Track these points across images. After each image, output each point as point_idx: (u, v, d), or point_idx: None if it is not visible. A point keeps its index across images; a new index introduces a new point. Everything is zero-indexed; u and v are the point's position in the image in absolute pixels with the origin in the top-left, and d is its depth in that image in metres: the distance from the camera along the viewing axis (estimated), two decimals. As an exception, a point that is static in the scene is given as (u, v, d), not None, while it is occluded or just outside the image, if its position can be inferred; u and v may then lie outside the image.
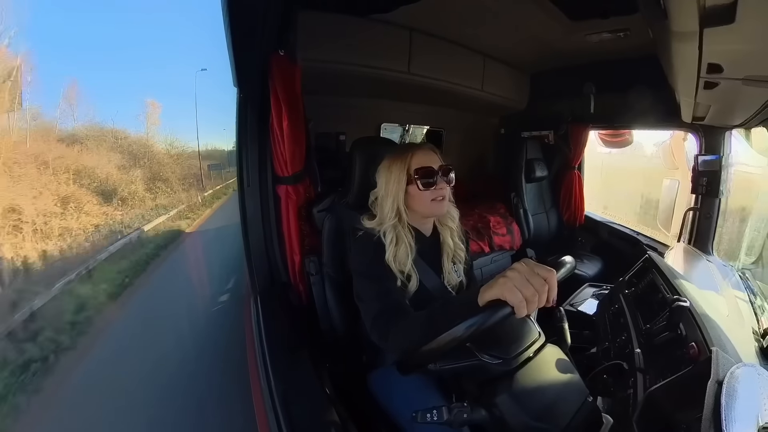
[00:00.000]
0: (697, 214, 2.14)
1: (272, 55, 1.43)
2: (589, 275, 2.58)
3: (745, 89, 1.19)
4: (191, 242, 11.09)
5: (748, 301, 1.49)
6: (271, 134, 1.56)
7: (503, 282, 0.77)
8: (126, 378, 3.72)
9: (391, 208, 1.21)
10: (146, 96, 18.58)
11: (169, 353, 4.07)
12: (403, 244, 1.19)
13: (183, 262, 9.56)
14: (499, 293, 0.77)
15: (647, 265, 1.53)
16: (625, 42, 2.10)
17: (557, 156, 3.19)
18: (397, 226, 1.21)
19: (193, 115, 21.31)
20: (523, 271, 0.77)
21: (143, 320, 5.55)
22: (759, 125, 1.73)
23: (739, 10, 0.71)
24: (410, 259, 1.20)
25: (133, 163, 14.35)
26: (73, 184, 11.41)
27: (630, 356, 1.14)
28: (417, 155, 1.21)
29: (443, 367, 0.98)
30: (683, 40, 0.99)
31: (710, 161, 2.04)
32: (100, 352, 4.76)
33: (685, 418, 0.69)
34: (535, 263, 0.80)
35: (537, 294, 0.76)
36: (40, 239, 9.05)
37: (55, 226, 9.61)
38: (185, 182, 15.68)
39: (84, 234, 10.16)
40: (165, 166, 15.49)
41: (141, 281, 7.60)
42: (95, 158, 13.04)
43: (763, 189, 1.98)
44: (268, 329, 1.46)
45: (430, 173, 1.20)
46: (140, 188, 13.61)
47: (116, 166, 13.52)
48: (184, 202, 14.43)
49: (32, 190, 9.75)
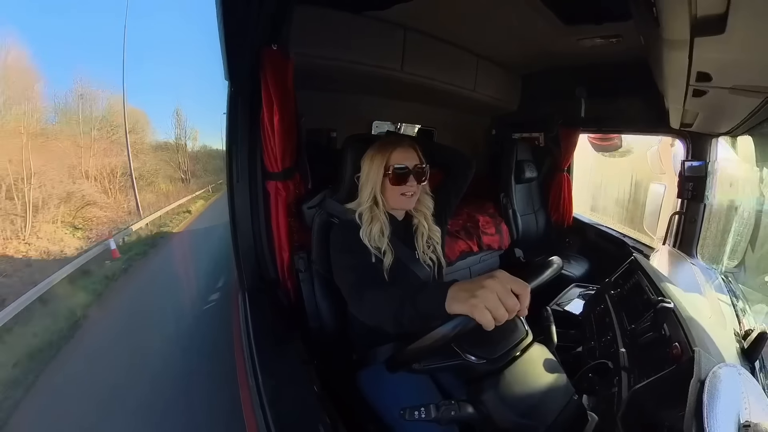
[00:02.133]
0: (682, 218, 2.18)
1: (265, 49, 1.41)
2: (575, 276, 2.61)
3: (732, 98, 1.22)
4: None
5: (730, 303, 1.53)
6: (261, 129, 1.55)
7: (474, 303, 0.75)
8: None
9: (369, 194, 1.34)
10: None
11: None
12: (378, 222, 1.33)
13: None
14: (468, 312, 0.75)
15: (633, 266, 1.55)
16: (617, 48, 2.12)
17: (547, 158, 3.23)
18: (374, 208, 1.35)
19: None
20: (497, 290, 0.75)
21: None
22: (745, 134, 1.76)
23: (729, 21, 0.72)
24: (385, 237, 1.32)
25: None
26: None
27: (615, 355, 1.16)
28: (396, 152, 1.32)
29: (428, 367, 0.98)
30: (674, 49, 1.00)
31: (696, 167, 2.08)
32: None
33: (668, 415, 0.70)
34: (511, 278, 0.78)
35: (507, 314, 0.75)
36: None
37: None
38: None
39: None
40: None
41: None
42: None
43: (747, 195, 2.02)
44: (256, 327, 1.45)
45: (404, 173, 1.32)
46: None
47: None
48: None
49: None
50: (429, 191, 1.48)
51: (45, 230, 11.86)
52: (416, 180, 1.34)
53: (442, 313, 0.80)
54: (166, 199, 17.21)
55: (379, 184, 1.34)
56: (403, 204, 1.38)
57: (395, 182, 1.32)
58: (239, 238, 1.70)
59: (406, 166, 1.32)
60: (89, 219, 13.56)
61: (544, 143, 3.19)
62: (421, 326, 0.88)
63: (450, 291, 0.81)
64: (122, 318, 6.52)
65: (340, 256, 1.28)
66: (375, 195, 1.34)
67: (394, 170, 1.31)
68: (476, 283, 0.78)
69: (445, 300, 0.80)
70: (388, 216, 1.37)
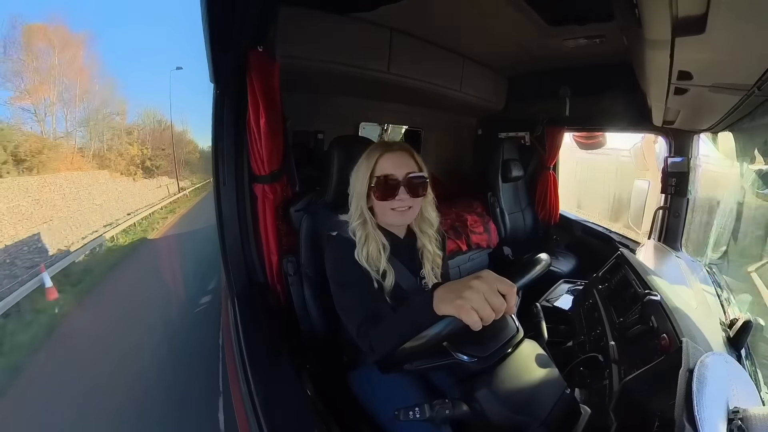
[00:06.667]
0: (666, 212, 2.23)
1: (250, 50, 1.40)
2: (564, 272, 2.64)
3: (713, 96, 1.25)
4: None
5: (715, 294, 1.56)
6: (248, 132, 1.53)
7: (460, 304, 0.74)
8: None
9: (356, 209, 1.18)
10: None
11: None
12: (373, 242, 1.15)
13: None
14: (455, 313, 0.75)
15: (619, 261, 1.57)
16: (600, 48, 2.16)
17: (533, 157, 3.27)
18: (366, 225, 1.17)
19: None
20: (483, 291, 0.74)
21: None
22: (725, 130, 1.81)
23: (709, 22, 0.73)
24: (384, 257, 1.16)
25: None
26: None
27: (605, 349, 1.18)
28: (384, 159, 1.14)
29: (419, 367, 0.97)
30: (656, 48, 1.02)
31: (679, 163, 2.12)
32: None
33: (659, 405, 0.71)
34: (497, 278, 0.78)
35: (494, 314, 0.74)
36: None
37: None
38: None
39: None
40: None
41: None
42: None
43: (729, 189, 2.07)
44: (247, 331, 1.43)
45: (391, 184, 1.13)
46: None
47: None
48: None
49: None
50: (435, 206, 1.29)
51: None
52: (410, 192, 1.14)
53: (432, 316, 0.79)
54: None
55: (365, 200, 1.16)
56: (396, 220, 1.20)
57: (381, 195, 1.14)
58: (227, 242, 1.67)
59: (393, 175, 1.13)
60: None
61: (529, 142, 3.23)
62: (415, 334, 0.87)
63: (437, 293, 0.80)
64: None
65: (340, 291, 1.14)
66: (362, 210, 1.17)
67: (376, 182, 1.13)
68: (462, 283, 0.78)
69: (432, 302, 0.79)
70: (385, 233, 1.20)
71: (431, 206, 1.28)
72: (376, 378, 1.09)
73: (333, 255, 1.20)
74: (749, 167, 1.73)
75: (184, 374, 3.69)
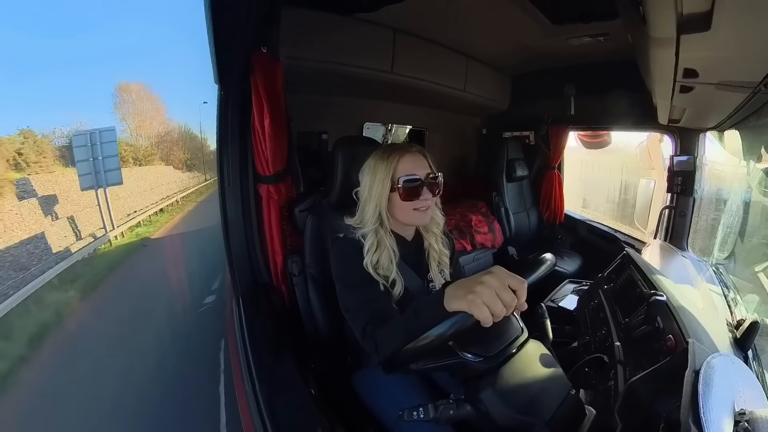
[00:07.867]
0: (672, 212, 2.21)
1: (254, 52, 1.41)
2: (569, 272, 2.63)
3: (718, 94, 1.23)
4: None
5: (721, 294, 1.54)
6: (252, 133, 1.54)
7: (472, 299, 0.74)
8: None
9: (373, 212, 1.16)
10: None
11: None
12: (385, 249, 1.15)
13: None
14: (467, 308, 0.74)
15: (625, 261, 1.56)
16: (604, 46, 2.15)
17: (537, 156, 3.26)
18: (379, 230, 1.17)
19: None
20: (494, 286, 0.74)
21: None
22: (731, 128, 1.79)
23: (715, 18, 0.73)
24: (394, 265, 1.16)
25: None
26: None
27: (610, 349, 1.17)
28: (404, 161, 1.15)
29: (425, 366, 0.97)
30: (661, 46, 1.02)
31: (685, 162, 2.11)
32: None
33: (665, 406, 0.71)
34: (508, 274, 0.78)
35: (505, 309, 0.74)
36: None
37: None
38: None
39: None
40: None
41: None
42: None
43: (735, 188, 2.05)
44: (251, 331, 1.43)
45: (415, 184, 1.14)
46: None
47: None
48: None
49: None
50: (440, 206, 1.31)
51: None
52: (430, 192, 1.16)
53: (442, 313, 0.79)
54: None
55: (385, 201, 1.16)
56: (417, 220, 1.20)
57: (407, 197, 1.14)
58: (232, 242, 1.68)
59: (417, 177, 1.14)
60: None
61: (534, 142, 3.22)
62: (424, 331, 0.87)
63: (447, 289, 0.80)
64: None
65: (346, 292, 1.15)
66: (380, 213, 1.17)
67: (404, 183, 1.13)
68: (473, 279, 0.78)
69: (443, 299, 0.79)
70: (395, 237, 1.21)
71: (438, 205, 1.29)
72: (380, 378, 1.09)
73: (339, 256, 1.20)
74: (756, 166, 1.71)
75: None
